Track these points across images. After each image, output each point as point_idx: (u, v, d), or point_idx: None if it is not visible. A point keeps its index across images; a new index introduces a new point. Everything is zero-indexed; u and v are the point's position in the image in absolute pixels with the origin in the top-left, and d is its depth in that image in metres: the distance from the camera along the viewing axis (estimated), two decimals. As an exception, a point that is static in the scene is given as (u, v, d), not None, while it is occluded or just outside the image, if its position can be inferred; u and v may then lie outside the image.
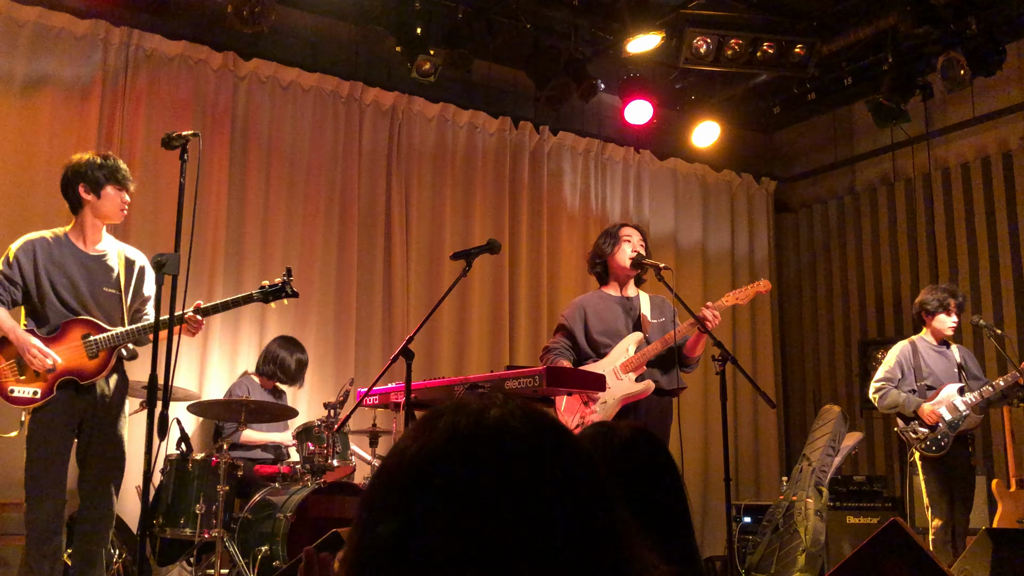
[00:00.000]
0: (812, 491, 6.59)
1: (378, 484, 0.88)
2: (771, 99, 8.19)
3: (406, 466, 0.86)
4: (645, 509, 1.58)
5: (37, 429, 3.88)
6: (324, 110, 6.82)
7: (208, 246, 6.17)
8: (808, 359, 8.90)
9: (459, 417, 0.89)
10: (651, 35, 6.48)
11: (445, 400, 2.89)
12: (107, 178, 4.02)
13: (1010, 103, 7.47)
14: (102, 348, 3.95)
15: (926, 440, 5.49)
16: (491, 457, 0.85)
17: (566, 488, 0.86)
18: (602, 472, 0.91)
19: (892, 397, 5.60)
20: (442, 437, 0.87)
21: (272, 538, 4.74)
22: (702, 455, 8.00)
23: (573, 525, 0.84)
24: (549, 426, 0.90)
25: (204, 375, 6.11)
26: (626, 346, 4.51)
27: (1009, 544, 3.82)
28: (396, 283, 6.93)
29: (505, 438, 0.87)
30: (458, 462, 0.85)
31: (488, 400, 0.91)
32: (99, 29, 6.01)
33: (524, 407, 0.91)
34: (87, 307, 3.99)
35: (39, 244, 4.00)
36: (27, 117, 5.77)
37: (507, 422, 0.88)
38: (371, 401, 4.29)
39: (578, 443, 0.91)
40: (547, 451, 0.88)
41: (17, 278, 3.94)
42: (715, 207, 8.78)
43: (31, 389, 3.86)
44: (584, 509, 0.86)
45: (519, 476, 0.84)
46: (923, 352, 5.71)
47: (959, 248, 7.73)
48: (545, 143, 7.79)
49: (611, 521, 0.88)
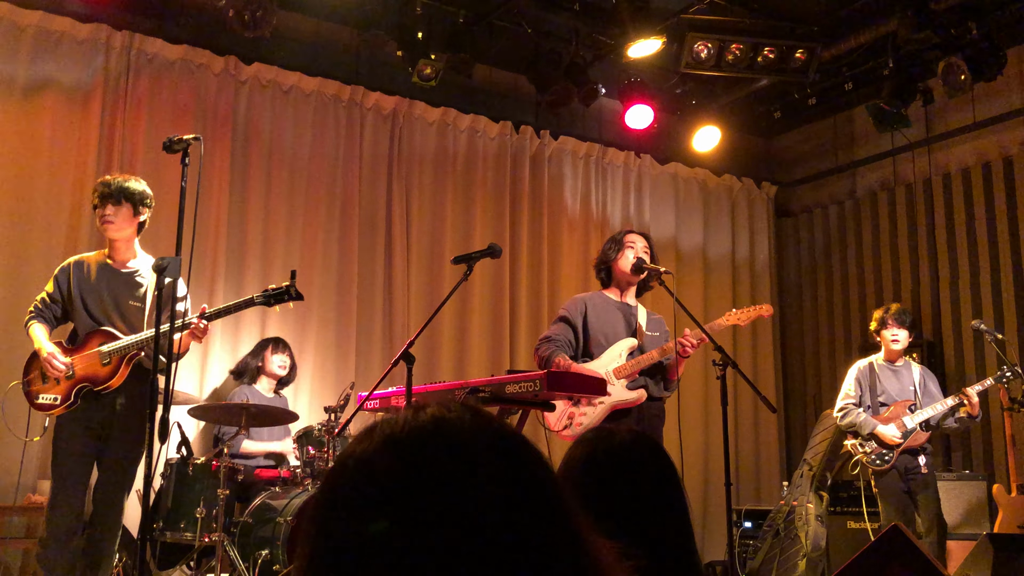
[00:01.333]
0: (813, 496, 6.58)
1: (322, 495, 0.89)
2: (772, 104, 8.19)
3: (348, 473, 0.87)
4: (645, 513, 1.59)
5: (58, 435, 4.10)
6: (325, 114, 6.82)
7: (209, 250, 6.17)
8: (809, 364, 8.90)
9: (396, 420, 0.90)
10: (652, 40, 6.49)
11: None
12: (94, 202, 4.26)
13: (1011, 108, 7.48)
14: (113, 355, 4.07)
15: (872, 455, 5.61)
16: (423, 453, 0.86)
17: (501, 486, 0.85)
18: (548, 473, 0.90)
19: (851, 417, 5.75)
20: (378, 439, 0.88)
21: (272, 542, 4.74)
22: (703, 460, 8.00)
23: (509, 524, 0.84)
24: (488, 426, 0.90)
25: (204, 379, 6.11)
26: (619, 351, 4.52)
27: (1010, 549, 3.82)
28: (397, 287, 6.93)
29: (438, 436, 0.87)
30: (392, 461, 0.85)
31: (427, 404, 0.92)
32: (100, 33, 6.02)
33: (467, 407, 0.91)
34: (111, 319, 4.18)
35: (75, 264, 4.29)
36: (28, 121, 5.78)
37: (443, 419, 0.89)
38: (372, 405, 4.29)
39: (519, 442, 0.91)
40: (481, 448, 0.87)
41: (58, 296, 4.25)
42: (716, 212, 8.79)
43: (52, 396, 4.09)
44: (521, 507, 0.85)
45: (451, 472, 0.84)
46: (878, 371, 5.85)
47: (960, 253, 7.73)
48: (546, 147, 7.80)
49: (552, 520, 0.87)
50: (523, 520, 0.84)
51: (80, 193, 5.79)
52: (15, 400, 4.25)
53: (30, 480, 5.29)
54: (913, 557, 3.31)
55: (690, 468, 7.59)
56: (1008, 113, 7.50)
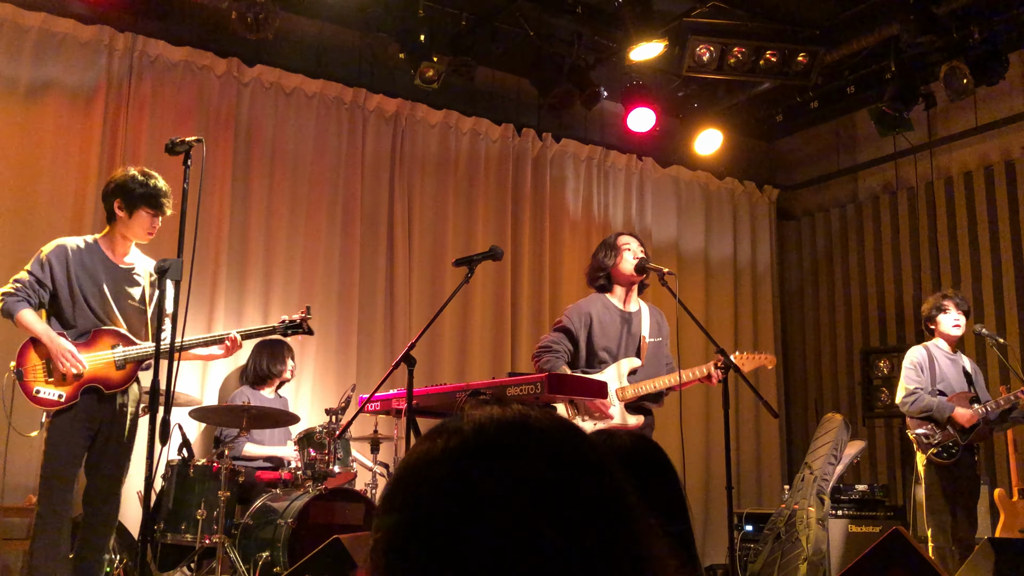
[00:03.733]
0: (814, 499, 6.57)
1: (390, 487, 0.88)
2: (774, 107, 8.19)
3: (415, 466, 0.86)
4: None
5: (56, 432, 3.91)
6: (328, 116, 6.83)
7: (211, 252, 6.17)
8: (810, 367, 8.89)
9: (474, 418, 0.88)
10: (654, 43, 6.49)
11: (447, 406, 2.88)
12: (143, 200, 4.07)
13: (1013, 112, 7.48)
14: (130, 361, 4.02)
15: (939, 446, 5.46)
16: (514, 449, 0.85)
17: (585, 487, 0.85)
18: (619, 473, 0.90)
19: (926, 402, 5.50)
20: (470, 432, 0.86)
21: (273, 544, 4.74)
22: (704, 463, 7.99)
23: (593, 525, 0.83)
24: (567, 424, 0.90)
25: (206, 380, 6.11)
26: (622, 371, 4.50)
27: (1011, 554, 3.81)
28: (398, 289, 6.93)
29: (528, 433, 0.86)
30: (480, 456, 0.84)
31: (500, 405, 0.91)
32: (103, 35, 6.03)
33: (542, 410, 0.91)
34: (112, 318, 4.06)
35: (72, 249, 4.06)
36: (31, 123, 5.78)
37: (528, 417, 0.88)
38: (373, 407, 4.29)
39: (593, 445, 0.90)
40: (566, 449, 0.87)
41: (48, 281, 3.98)
42: (717, 215, 8.79)
43: (57, 392, 3.90)
44: (605, 508, 0.85)
45: (540, 471, 0.83)
46: (938, 358, 5.68)
47: (962, 257, 7.72)
48: (548, 150, 7.80)
49: (630, 519, 0.87)
50: (603, 527, 0.84)
51: (82, 195, 5.79)
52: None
53: (31, 481, 5.28)
54: (913, 561, 3.31)
55: (691, 471, 7.59)
56: (1010, 117, 7.49)
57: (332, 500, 4.91)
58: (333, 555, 3.44)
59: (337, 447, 5.12)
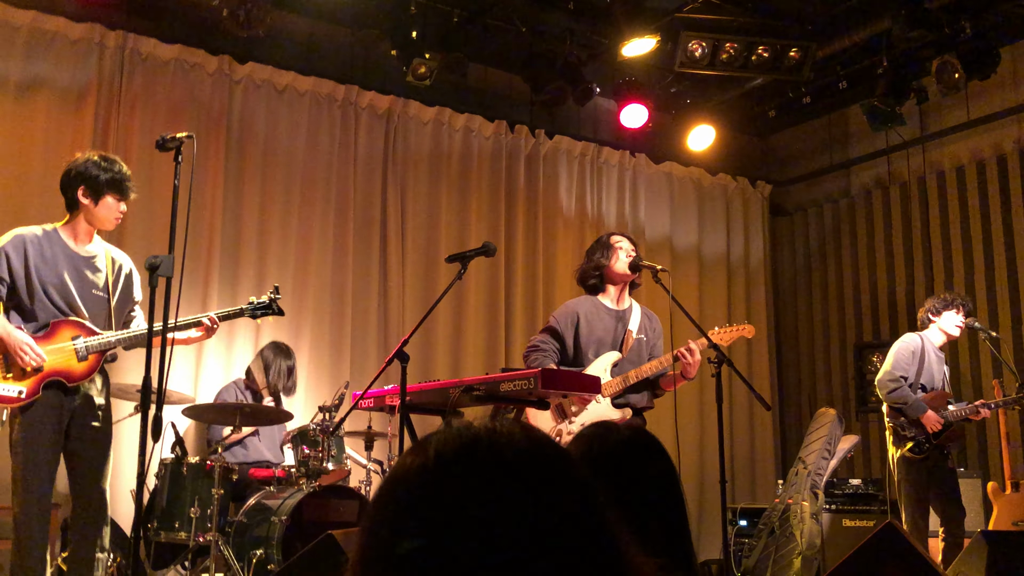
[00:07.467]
0: (808, 494, 6.58)
1: (390, 499, 0.88)
2: (766, 103, 8.20)
3: (420, 480, 0.87)
4: (642, 510, 1.59)
5: (25, 432, 3.76)
6: (320, 114, 6.82)
7: (203, 249, 6.16)
8: (804, 362, 8.91)
9: (439, 437, 0.89)
10: (646, 39, 6.50)
11: (440, 402, 2.87)
12: (109, 186, 3.95)
13: (1005, 106, 7.49)
14: (93, 352, 3.88)
15: (913, 440, 5.52)
16: (495, 466, 0.86)
17: (566, 498, 0.86)
18: (593, 484, 0.91)
19: (905, 395, 5.54)
20: (431, 452, 0.87)
21: (267, 542, 4.73)
22: (698, 457, 8.01)
23: (573, 532, 0.85)
24: (534, 439, 0.91)
25: (198, 378, 6.10)
26: (603, 366, 4.49)
27: (1004, 546, 3.82)
28: (392, 286, 6.93)
29: (487, 452, 0.87)
30: (467, 471, 0.86)
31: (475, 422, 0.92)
32: (94, 33, 6.01)
33: (513, 424, 0.92)
34: (75, 308, 3.91)
35: (30, 240, 3.88)
36: (22, 121, 5.76)
37: (493, 433, 0.89)
38: (366, 404, 4.28)
39: (568, 455, 0.92)
40: (545, 462, 0.88)
41: (4, 274, 3.82)
42: (710, 211, 8.80)
43: (17, 388, 3.73)
44: (572, 525, 0.86)
45: (505, 491, 0.84)
46: (928, 352, 5.70)
47: (954, 251, 7.75)
48: (541, 147, 7.80)
49: (603, 525, 0.88)
50: (572, 540, 0.85)
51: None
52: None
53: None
54: (908, 555, 3.31)
55: (685, 466, 7.61)
56: (1002, 111, 7.51)
57: (326, 497, 4.90)
58: (326, 551, 3.43)
59: (331, 444, 5.12)
